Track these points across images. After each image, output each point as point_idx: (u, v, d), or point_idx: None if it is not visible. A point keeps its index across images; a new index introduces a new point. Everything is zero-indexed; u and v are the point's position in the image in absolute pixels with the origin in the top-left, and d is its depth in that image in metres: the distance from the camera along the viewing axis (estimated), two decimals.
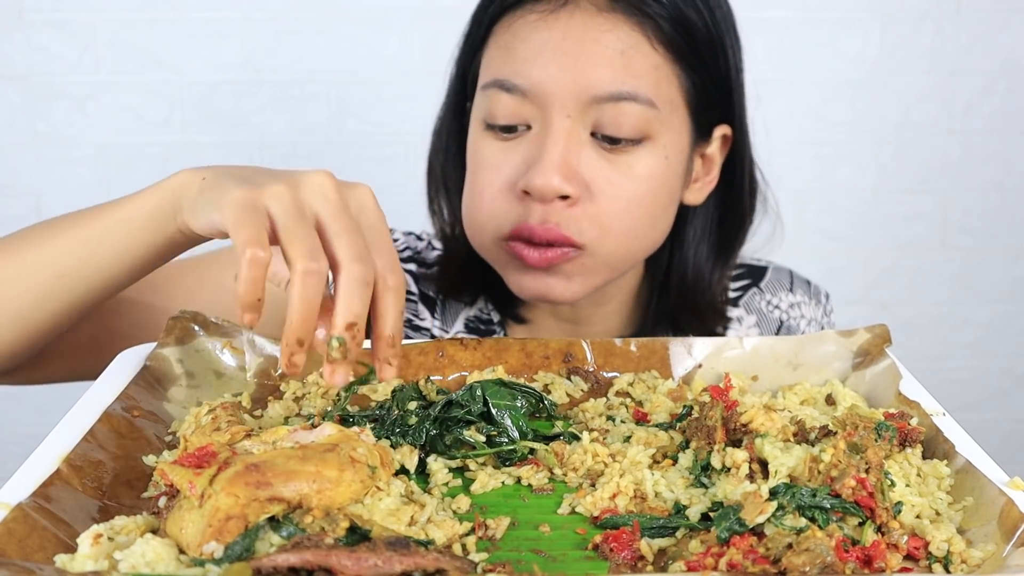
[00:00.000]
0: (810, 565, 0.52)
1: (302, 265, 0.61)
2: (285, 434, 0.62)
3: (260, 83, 1.88)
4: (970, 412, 2.09)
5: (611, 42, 0.87)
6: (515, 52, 0.89)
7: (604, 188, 0.89)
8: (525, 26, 0.89)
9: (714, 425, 0.67)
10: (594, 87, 0.87)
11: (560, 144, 0.87)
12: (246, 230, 0.61)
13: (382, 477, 0.61)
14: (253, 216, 0.62)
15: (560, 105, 0.87)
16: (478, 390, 0.72)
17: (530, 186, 0.87)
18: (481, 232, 0.94)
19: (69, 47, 1.84)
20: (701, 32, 0.92)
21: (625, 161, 0.89)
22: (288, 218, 0.63)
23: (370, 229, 0.66)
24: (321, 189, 0.65)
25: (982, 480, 0.62)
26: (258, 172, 0.68)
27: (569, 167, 0.87)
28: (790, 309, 1.12)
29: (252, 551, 0.53)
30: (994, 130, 2.00)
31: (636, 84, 0.88)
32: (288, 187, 0.64)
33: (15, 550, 0.52)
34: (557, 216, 0.88)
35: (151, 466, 0.66)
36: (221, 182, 0.67)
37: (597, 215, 0.89)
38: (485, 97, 0.92)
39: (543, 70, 0.87)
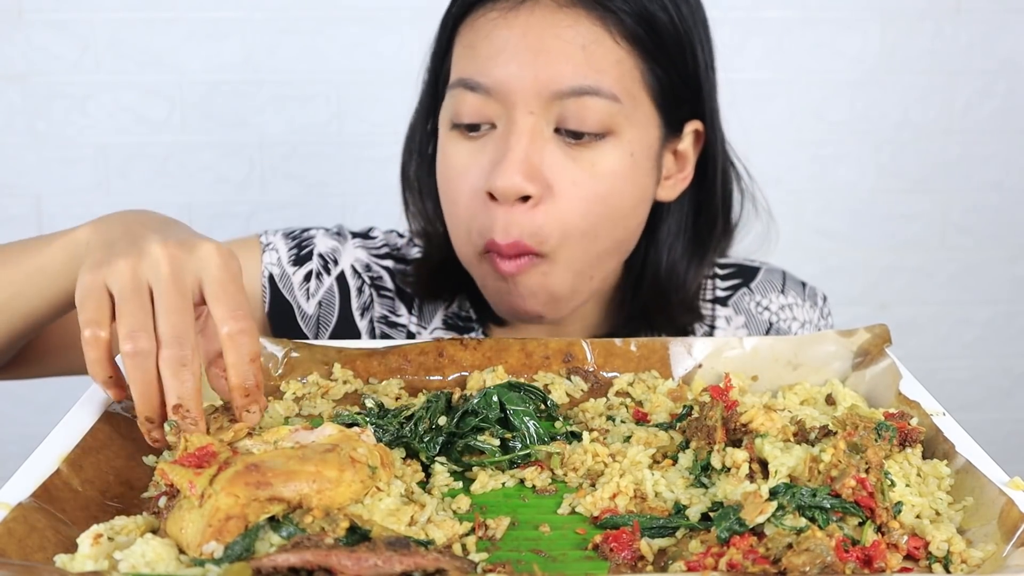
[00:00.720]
0: (810, 565, 0.53)
1: (126, 347, 0.64)
2: (286, 434, 0.62)
3: (260, 83, 1.88)
4: (970, 412, 2.09)
5: (572, 37, 0.87)
6: (477, 51, 0.89)
7: (567, 188, 0.88)
8: (486, 24, 0.89)
9: (714, 425, 0.67)
10: (556, 82, 0.86)
11: (523, 142, 0.87)
12: (85, 313, 0.65)
13: (382, 477, 0.61)
14: (93, 300, 0.66)
15: (523, 102, 0.87)
16: (494, 396, 0.72)
17: (493, 188, 0.86)
18: (462, 248, 0.94)
19: (69, 47, 1.84)
20: (666, 27, 0.91)
21: (588, 158, 0.88)
22: (121, 297, 0.65)
23: (211, 284, 0.67)
24: (156, 263, 0.67)
25: (982, 480, 0.62)
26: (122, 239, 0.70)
27: (531, 165, 0.87)
28: (780, 311, 1.12)
29: (252, 551, 0.53)
30: (993, 130, 2.00)
31: (598, 79, 0.87)
32: (128, 264, 0.66)
33: (15, 550, 0.52)
34: (518, 222, 0.87)
35: (151, 466, 0.66)
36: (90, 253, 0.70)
37: (559, 216, 0.88)
38: (451, 98, 0.91)
39: (504, 68, 0.87)
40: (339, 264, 1.07)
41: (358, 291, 1.07)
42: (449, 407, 0.73)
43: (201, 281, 0.67)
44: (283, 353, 0.82)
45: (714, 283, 1.11)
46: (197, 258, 0.68)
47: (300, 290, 1.05)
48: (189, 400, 0.64)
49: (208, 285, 0.67)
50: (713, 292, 1.11)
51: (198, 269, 0.67)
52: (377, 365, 0.82)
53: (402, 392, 0.79)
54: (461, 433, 0.70)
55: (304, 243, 1.07)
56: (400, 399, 0.78)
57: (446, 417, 0.71)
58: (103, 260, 0.67)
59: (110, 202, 1.90)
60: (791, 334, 1.11)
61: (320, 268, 1.06)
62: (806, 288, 1.14)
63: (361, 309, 1.06)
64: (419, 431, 0.69)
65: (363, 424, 0.69)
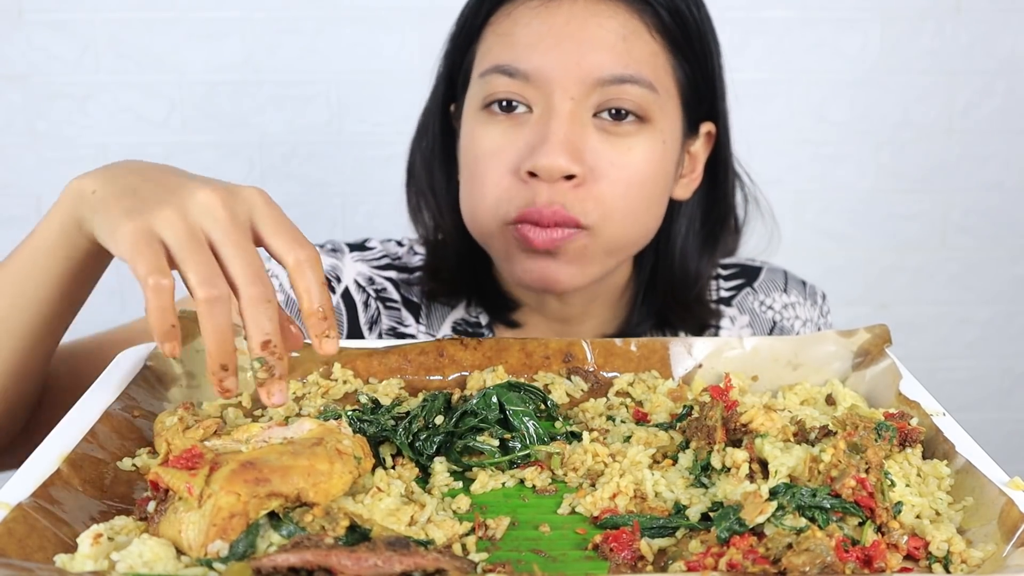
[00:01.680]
0: (810, 565, 0.52)
1: (202, 293, 0.62)
2: (258, 431, 0.62)
3: (260, 83, 1.88)
4: (970, 412, 2.09)
5: (613, 27, 0.89)
6: (516, 38, 0.90)
7: (607, 170, 0.90)
8: (527, 12, 0.90)
9: (714, 425, 0.67)
10: (597, 70, 0.88)
11: (565, 125, 0.88)
12: (144, 262, 0.62)
13: (367, 468, 0.62)
14: (148, 247, 0.63)
15: (563, 89, 0.88)
16: (493, 397, 0.72)
17: (536, 166, 0.88)
18: (485, 219, 0.94)
19: (69, 47, 1.84)
20: (692, 26, 0.94)
21: (626, 144, 0.91)
22: (181, 246, 0.63)
23: (265, 221, 0.66)
24: (208, 208, 0.65)
25: (982, 480, 0.62)
26: (144, 184, 0.68)
27: (574, 147, 0.88)
28: (783, 310, 1.13)
29: (255, 548, 0.53)
30: (994, 130, 2.00)
31: (637, 68, 0.89)
32: (176, 211, 0.64)
33: (15, 550, 0.52)
34: (563, 197, 0.89)
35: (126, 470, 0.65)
36: (109, 204, 0.67)
37: (600, 197, 0.90)
38: (484, 84, 0.92)
39: (546, 54, 0.88)
40: (342, 281, 1.07)
41: (364, 305, 1.07)
42: (448, 407, 0.73)
43: (254, 221, 0.66)
44: None
45: (718, 284, 1.12)
46: (243, 199, 0.67)
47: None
48: (275, 335, 0.63)
49: (262, 223, 0.66)
50: (717, 292, 1.12)
51: (248, 209, 0.66)
52: (377, 365, 0.82)
53: (402, 392, 0.79)
54: (460, 433, 0.70)
55: None
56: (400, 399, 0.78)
57: (443, 417, 0.71)
58: (139, 208, 0.65)
59: None
60: (794, 332, 1.12)
61: None
62: (807, 287, 1.16)
63: (369, 323, 1.06)
64: (413, 429, 0.69)
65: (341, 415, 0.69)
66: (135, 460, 0.66)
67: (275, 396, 0.63)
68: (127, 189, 0.67)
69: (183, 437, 0.63)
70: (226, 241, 0.64)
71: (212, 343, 0.62)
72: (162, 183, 0.67)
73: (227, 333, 0.62)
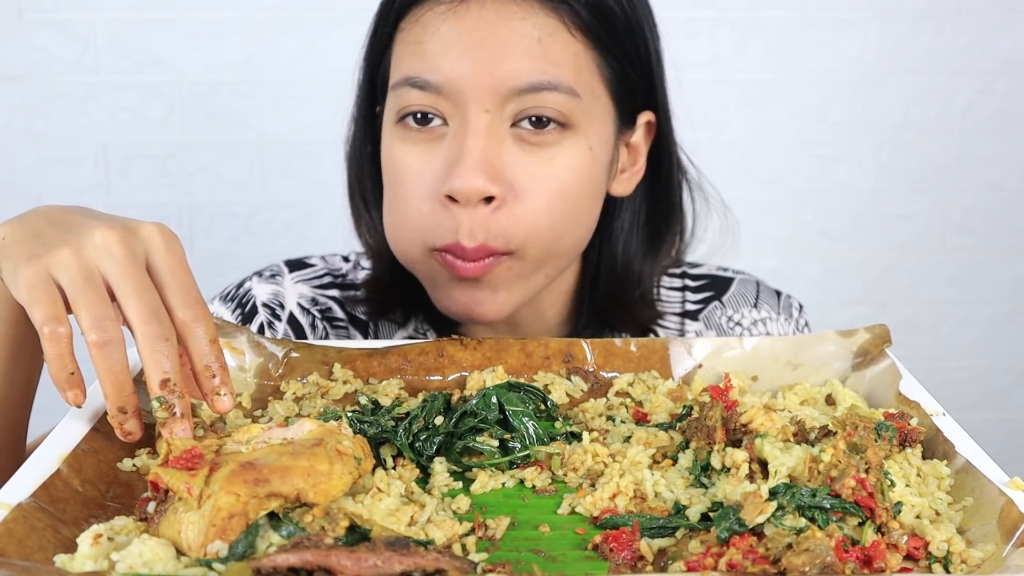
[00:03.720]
0: (810, 565, 0.53)
1: (94, 337, 0.61)
2: (258, 432, 0.62)
3: (260, 83, 1.88)
4: (970, 412, 2.09)
5: (527, 30, 0.83)
6: (425, 47, 0.85)
7: (528, 185, 0.85)
8: (434, 19, 0.85)
9: (714, 425, 0.67)
10: (512, 79, 0.83)
11: (480, 141, 0.83)
12: (40, 309, 0.62)
13: (367, 468, 0.62)
14: (45, 292, 0.63)
15: (477, 100, 0.83)
16: (493, 397, 0.72)
17: (453, 190, 0.83)
18: (408, 245, 0.89)
19: (69, 47, 1.84)
20: (619, 17, 0.88)
21: (547, 155, 0.85)
22: (75, 288, 0.63)
23: (160, 270, 0.66)
24: (105, 247, 0.64)
25: (982, 480, 0.62)
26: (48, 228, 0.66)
27: (491, 165, 0.83)
28: (752, 326, 1.08)
29: (254, 548, 0.53)
30: (994, 130, 2.00)
31: (556, 73, 0.84)
32: (72, 252, 0.63)
33: (15, 550, 0.52)
34: (483, 225, 0.84)
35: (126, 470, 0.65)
36: (15, 249, 0.66)
37: (522, 216, 0.85)
38: (396, 97, 0.87)
39: (456, 64, 0.83)
40: (285, 307, 1.03)
41: (311, 328, 1.03)
42: (448, 408, 0.73)
43: (149, 265, 0.65)
44: (283, 353, 0.82)
45: (684, 296, 1.08)
46: (142, 240, 0.66)
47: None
48: (175, 373, 0.62)
49: (157, 271, 0.65)
50: (683, 305, 1.07)
51: (145, 251, 0.66)
52: (377, 365, 0.82)
53: (402, 392, 0.79)
54: (460, 434, 0.70)
55: (244, 299, 1.03)
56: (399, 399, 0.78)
57: (443, 417, 0.71)
58: (38, 251, 0.64)
59: (110, 202, 1.90)
60: None
61: (269, 317, 1.02)
62: (780, 299, 1.11)
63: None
64: (413, 430, 0.69)
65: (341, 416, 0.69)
66: (135, 460, 0.66)
67: (177, 432, 0.62)
68: (32, 233, 0.67)
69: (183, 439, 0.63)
70: (122, 279, 0.63)
71: (108, 387, 0.62)
72: (64, 224, 0.67)
73: (122, 375, 0.62)
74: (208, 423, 0.69)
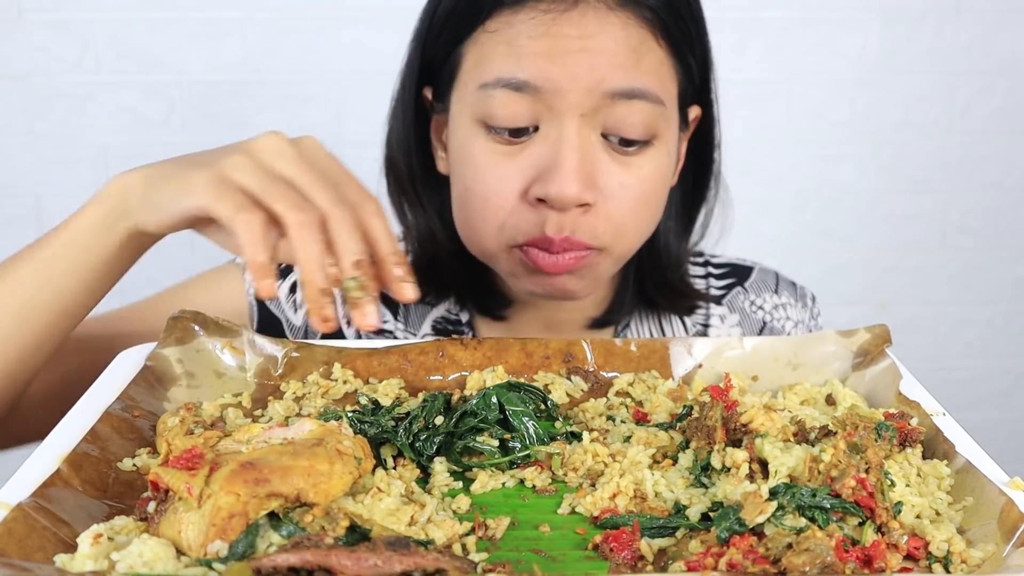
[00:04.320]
0: (810, 565, 0.52)
1: (294, 218, 0.63)
2: (259, 431, 0.62)
3: (260, 83, 1.88)
4: (970, 412, 2.09)
5: (623, 39, 0.87)
6: (522, 49, 0.87)
7: (616, 191, 0.88)
8: (533, 23, 0.87)
9: (714, 425, 0.67)
10: (608, 83, 0.86)
11: (576, 150, 0.86)
12: (230, 200, 0.64)
13: (367, 468, 0.62)
14: (228, 188, 0.64)
15: (574, 104, 0.86)
16: (493, 397, 0.72)
17: (548, 195, 0.86)
18: (488, 241, 0.92)
19: (69, 47, 1.84)
20: (691, 25, 0.92)
21: (635, 163, 0.89)
22: (260, 181, 0.64)
23: (328, 171, 0.68)
24: (277, 149, 0.67)
25: (982, 480, 0.62)
26: (198, 155, 0.69)
27: (587, 173, 0.86)
28: (774, 310, 1.12)
29: (254, 548, 0.53)
30: (994, 130, 2.00)
31: (647, 81, 0.87)
32: (246, 155, 0.66)
33: (15, 550, 0.52)
34: (572, 224, 0.87)
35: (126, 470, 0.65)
36: (173, 173, 0.69)
37: (610, 218, 0.89)
38: (485, 96, 0.88)
39: (555, 68, 0.85)
40: None
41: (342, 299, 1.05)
42: (448, 407, 0.73)
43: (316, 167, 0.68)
44: (283, 353, 0.82)
45: (708, 282, 1.12)
46: (306, 148, 0.69)
47: (287, 303, 1.04)
48: (366, 254, 0.64)
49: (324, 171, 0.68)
50: (707, 291, 1.11)
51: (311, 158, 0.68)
52: (377, 365, 0.82)
53: (402, 392, 0.79)
54: (460, 433, 0.70)
55: None
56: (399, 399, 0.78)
57: (443, 417, 0.71)
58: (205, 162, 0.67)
59: None
60: (784, 333, 1.11)
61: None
62: (797, 288, 1.15)
63: (347, 317, 1.05)
64: (413, 430, 0.69)
65: (342, 416, 0.69)
66: (135, 460, 0.66)
67: (370, 316, 0.64)
68: (181, 162, 0.69)
69: (184, 439, 0.63)
70: (301, 174, 0.66)
71: (309, 266, 0.63)
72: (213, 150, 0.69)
73: (322, 256, 0.63)
74: (208, 422, 0.69)
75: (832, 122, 1.98)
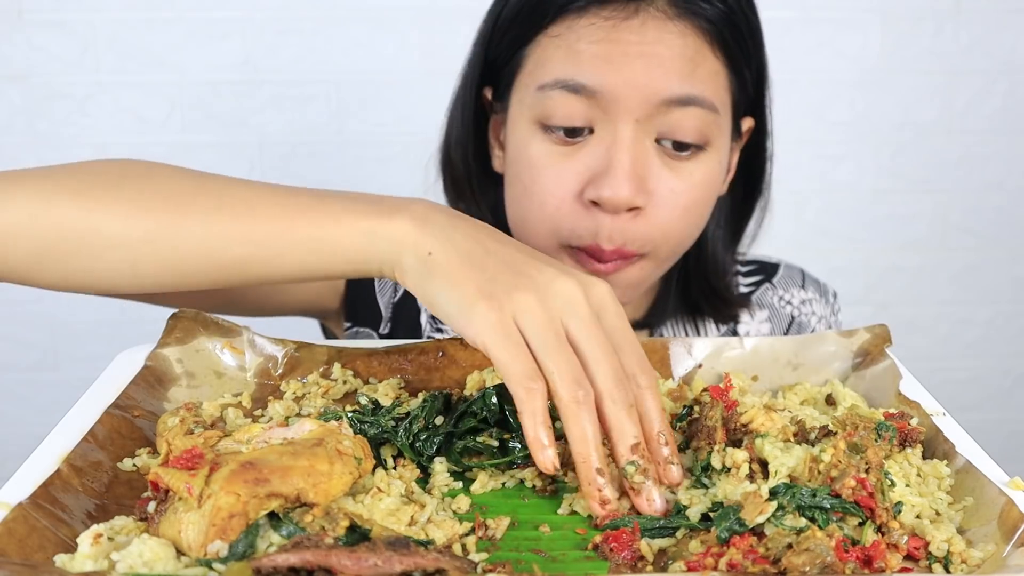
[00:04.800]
0: (810, 565, 0.52)
1: (570, 395, 0.61)
2: (259, 432, 0.62)
3: (260, 83, 1.88)
4: (970, 412, 2.09)
5: (681, 48, 0.88)
6: (583, 54, 0.88)
7: (667, 197, 0.90)
8: (595, 29, 0.89)
9: (714, 425, 0.67)
10: (665, 91, 0.87)
11: (630, 153, 0.87)
12: (518, 365, 0.61)
13: (367, 468, 0.62)
14: (510, 340, 0.62)
15: (630, 109, 0.87)
16: (492, 397, 0.72)
17: (601, 198, 0.87)
18: (540, 238, 0.93)
19: (69, 47, 1.84)
20: (749, 40, 0.94)
21: (686, 168, 0.90)
22: (544, 341, 0.62)
23: (614, 333, 0.65)
24: (570, 302, 0.64)
25: (982, 480, 0.62)
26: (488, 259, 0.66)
27: (639, 177, 0.88)
28: (802, 305, 1.14)
29: (254, 548, 0.53)
30: (994, 130, 2.00)
31: (702, 88, 0.89)
32: (538, 301, 0.63)
33: (15, 550, 0.52)
34: (623, 230, 0.89)
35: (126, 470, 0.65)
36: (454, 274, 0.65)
37: (659, 223, 0.90)
38: (543, 97, 0.90)
39: (615, 73, 0.87)
40: None
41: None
42: (447, 407, 0.73)
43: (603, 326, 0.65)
44: (283, 353, 0.82)
45: (736, 280, 1.14)
46: (597, 297, 0.66)
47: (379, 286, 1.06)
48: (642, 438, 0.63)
49: (610, 333, 0.65)
50: (736, 288, 1.13)
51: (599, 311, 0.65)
52: (377, 365, 0.82)
53: (402, 392, 0.79)
54: (459, 434, 0.70)
55: None
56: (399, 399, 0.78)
57: (443, 417, 0.71)
58: (493, 290, 0.63)
59: None
60: (811, 329, 1.13)
61: None
62: (820, 285, 1.18)
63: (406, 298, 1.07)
64: (413, 430, 0.69)
65: (342, 416, 0.69)
66: (135, 460, 0.66)
67: (656, 502, 0.62)
68: (470, 260, 0.66)
69: (184, 439, 0.63)
70: (589, 340, 0.63)
71: (584, 448, 0.61)
72: (508, 261, 0.66)
73: (598, 437, 0.61)
74: (208, 422, 0.69)
75: (832, 122, 1.98)
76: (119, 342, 0.82)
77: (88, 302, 1.97)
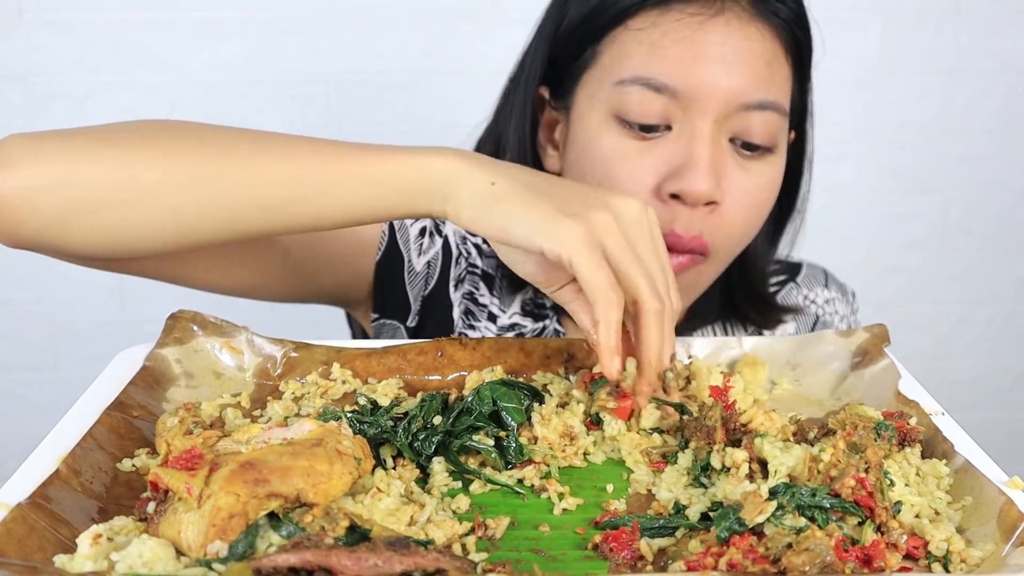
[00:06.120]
0: (810, 565, 0.52)
1: (654, 305, 0.68)
2: (258, 432, 0.62)
3: (260, 83, 1.88)
4: (970, 412, 2.09)
5: (760, 52, 0.89)
6: (666, 51, 0.88)
7: (738, 195, 0.91)
8: (678, 27, 0.89)
9: (714, 425, 0.67)
10: (745, 94, 0.88)
11: (710, 148, 0.88)
12: (601, 270, 0.66)
13: (367, 468, 0.62)
14: (595, 252, 0.67)
15: (709, 109, 0.88)
16: (487, 393, 0.72)
17: (683, 191, 0.88)
18: None
19: (69, 47, 1.84)
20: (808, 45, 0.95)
21: (757, 169, 0.92)
22: (624, 254, 0.68)
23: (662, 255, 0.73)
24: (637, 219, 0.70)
25: (981, 479, 0.62)
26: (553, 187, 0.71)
27: (718, 173, 0.89)
28: (825, 304, 1.15)
29: (254, 548, 0.53)
30: (994, 130, 2.00)
31: (776, 93, 0.90)
32: (615, 219, 0.68)
33: (15, 550, 0.52)
34: (700, 222, 0.90)
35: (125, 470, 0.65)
36: (526, 198, 0.69)
37: (728, 222, 0.92)
38: (621, 92, 0.90)
39: (701, 73, 0.87)
40: (444, 229, 1.08)
41: (456, 261, 1.07)
42: (445, 407, 0.73)
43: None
44: (282, 353, 0.82)
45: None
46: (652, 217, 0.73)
47: (415, 244, 1.06)
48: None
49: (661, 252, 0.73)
50: None
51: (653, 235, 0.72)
52: (376, 365, 0.82)
53: (401, 392, 0.79)
54: (456, 433, 0.70)
55: None
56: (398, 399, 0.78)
57: (441, 416, 0.71)
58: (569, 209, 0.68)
59: None
60: (833, 327, 1.14)
61: (432, 227, 1.08)
62: (841, 284, 1.20)
63: (456, 280, 1.07)
64: (412, 430, 0.69)
65: (341, 416, 0.69)
66: (135, 460, 0.66)
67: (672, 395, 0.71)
68: (535, 188, 0.70)
69: (183, 439, 0.63)
70: (651, 255, 0.69)
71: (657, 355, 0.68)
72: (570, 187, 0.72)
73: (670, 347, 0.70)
74: (208, 423, 0.69)
75: (831, 122, 1.98)
76: (119, 342, 0.82)
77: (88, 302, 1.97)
